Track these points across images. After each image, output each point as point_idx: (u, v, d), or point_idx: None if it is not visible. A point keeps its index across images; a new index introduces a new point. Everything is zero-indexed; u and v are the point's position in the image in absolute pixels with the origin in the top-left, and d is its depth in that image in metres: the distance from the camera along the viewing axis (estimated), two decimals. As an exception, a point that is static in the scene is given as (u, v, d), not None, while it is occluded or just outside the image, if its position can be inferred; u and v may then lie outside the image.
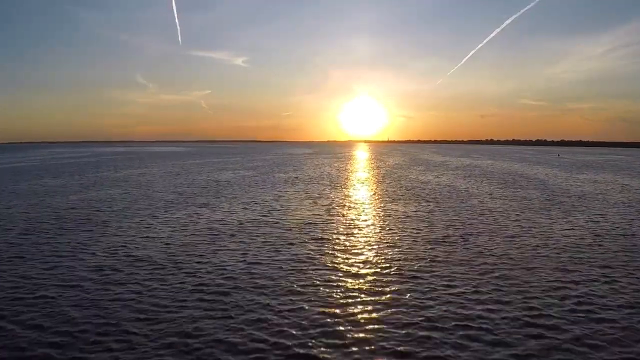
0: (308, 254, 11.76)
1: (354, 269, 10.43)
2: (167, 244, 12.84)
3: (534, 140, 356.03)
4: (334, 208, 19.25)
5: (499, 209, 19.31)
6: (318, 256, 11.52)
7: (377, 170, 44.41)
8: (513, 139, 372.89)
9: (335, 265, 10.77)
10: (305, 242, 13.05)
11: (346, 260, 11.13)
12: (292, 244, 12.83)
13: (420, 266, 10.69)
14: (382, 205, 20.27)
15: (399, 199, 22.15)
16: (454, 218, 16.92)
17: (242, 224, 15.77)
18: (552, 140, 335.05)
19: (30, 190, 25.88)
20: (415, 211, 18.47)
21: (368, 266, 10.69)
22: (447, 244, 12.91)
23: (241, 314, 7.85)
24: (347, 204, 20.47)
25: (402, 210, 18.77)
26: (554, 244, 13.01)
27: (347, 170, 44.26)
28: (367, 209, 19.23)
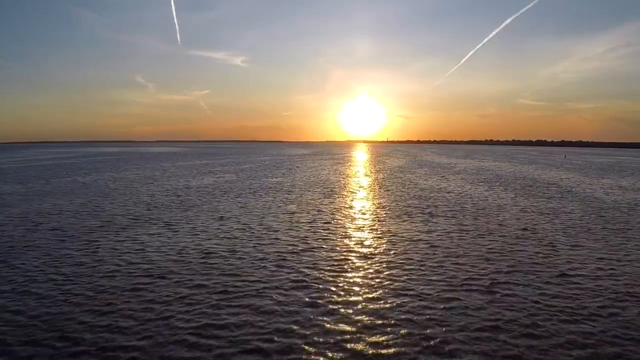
0: (286, 312, 7.68)
1: (347, 340, 6.35)
2: (75, 292, 8.71)
3: (534, 140, 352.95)
4: (326, 228, 15.15)
5: (539, 229, 15.20)
6: (300, 316, 7.44)
7: (378, 174, 40.28)
8: (513, 140, 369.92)
9: (322, 331, 6.70)
10: (284, 285, 8.97)
11: (337, 325, 7.05)
12: (263, 288, 8.75)
13: (451, 342, 6.60)
14: (387, 224, 16.15)
15: (408, 214, 18.05)
16: (486, 245, 12.82)
17: (201, 254, 11.66)
18: (552, 141, 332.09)
19: (-32, 201, 21.76)
20: (430, 233, 14.37)
21: (368, 333, 6.61)
22: (484, 293, 8.82)
23: None
24: (343, 222, 16.37)
25: (414, 231, 14.67)
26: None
27: (345, 175, 40.14)
28: (368, 230, 15.13)
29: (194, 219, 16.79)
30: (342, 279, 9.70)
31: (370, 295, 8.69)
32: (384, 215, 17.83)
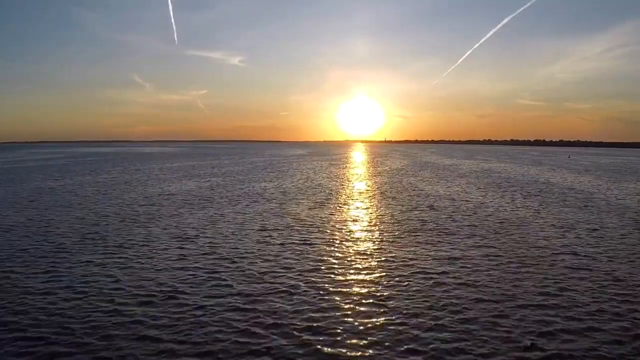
0: None
1: None
2: None
3: (532, 140, 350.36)
4: (312, 253, 11.98)
5: (583, 254, 11.98)
6: None
7: (379, 178, 37.10)
8: (511, 139, 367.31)
9: None
10: (246, 346, 5.83)
11: None
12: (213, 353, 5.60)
13: None
14: (389, 247, 12.98)
15: (415, 232, 14.89)
16: (525, 283, 9.60)
17: (135, 296, 8.48)
18: (551, 141, 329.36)
19: None
20: (447, 262, 11.19)
21: None
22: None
23: None
24: (334, 245, 13.20)
25: (425, 259, 11.49)
26: None
27: (341, 178, 36.98)
28: (365, 257, 11.94)
29: (149, 239, 13.56)
30: (328, 332, 6.56)
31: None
32: (386, 233, 14.67)
